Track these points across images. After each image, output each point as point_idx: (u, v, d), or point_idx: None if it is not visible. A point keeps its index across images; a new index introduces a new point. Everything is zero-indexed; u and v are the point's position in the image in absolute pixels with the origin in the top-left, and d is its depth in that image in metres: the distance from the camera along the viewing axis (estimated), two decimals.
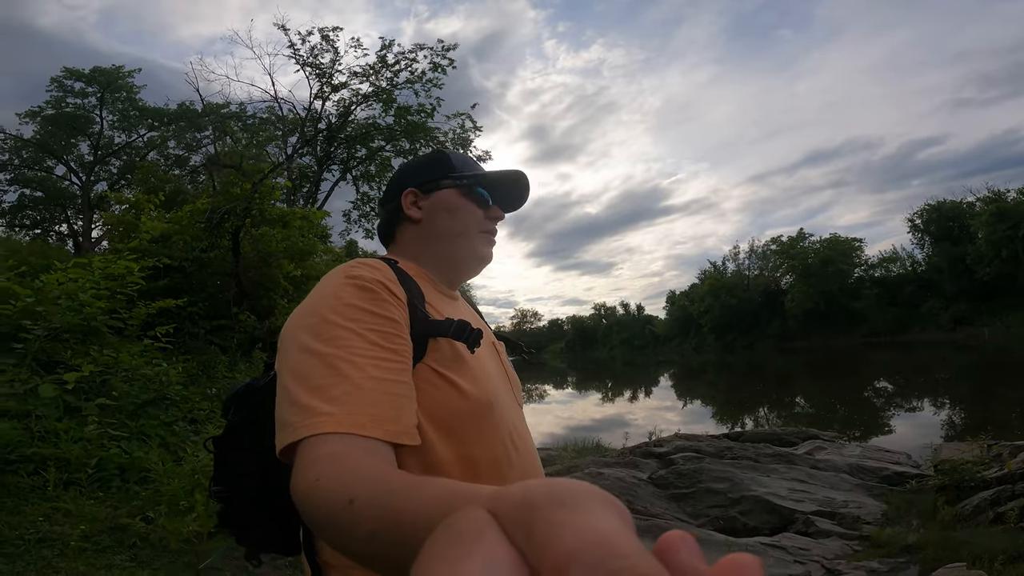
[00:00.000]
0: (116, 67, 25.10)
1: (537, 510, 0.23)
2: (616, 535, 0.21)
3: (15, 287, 5.45)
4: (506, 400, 0.86)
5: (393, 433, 0.61)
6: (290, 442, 0.59)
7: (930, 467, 6.25)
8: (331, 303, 0.71)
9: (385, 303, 0.72)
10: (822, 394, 18.43)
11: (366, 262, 0.80)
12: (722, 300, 66.66)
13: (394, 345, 0.69)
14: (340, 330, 0.67)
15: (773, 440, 8.41)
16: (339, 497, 0.47)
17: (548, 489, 0.24)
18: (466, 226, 0.93)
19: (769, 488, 5.23)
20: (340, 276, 0.75)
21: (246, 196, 9.12)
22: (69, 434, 3.99)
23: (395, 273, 0.80)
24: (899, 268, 55.54)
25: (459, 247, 0.93)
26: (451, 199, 0.93)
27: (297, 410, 0.61)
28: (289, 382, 0.65)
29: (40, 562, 2.78)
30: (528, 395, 26.95)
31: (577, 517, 0.22)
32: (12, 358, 5.02)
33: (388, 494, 0.43)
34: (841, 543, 4.30)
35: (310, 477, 0.53)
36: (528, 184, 1.01)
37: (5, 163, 25.85)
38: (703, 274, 77.78)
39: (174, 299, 7.64)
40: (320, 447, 0.56)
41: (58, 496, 3.44)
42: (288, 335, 0.72)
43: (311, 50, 16.97)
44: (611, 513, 0.23)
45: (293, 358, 0.67)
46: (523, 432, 0.88)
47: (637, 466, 5.93)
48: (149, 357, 6.05)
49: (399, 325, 0.72)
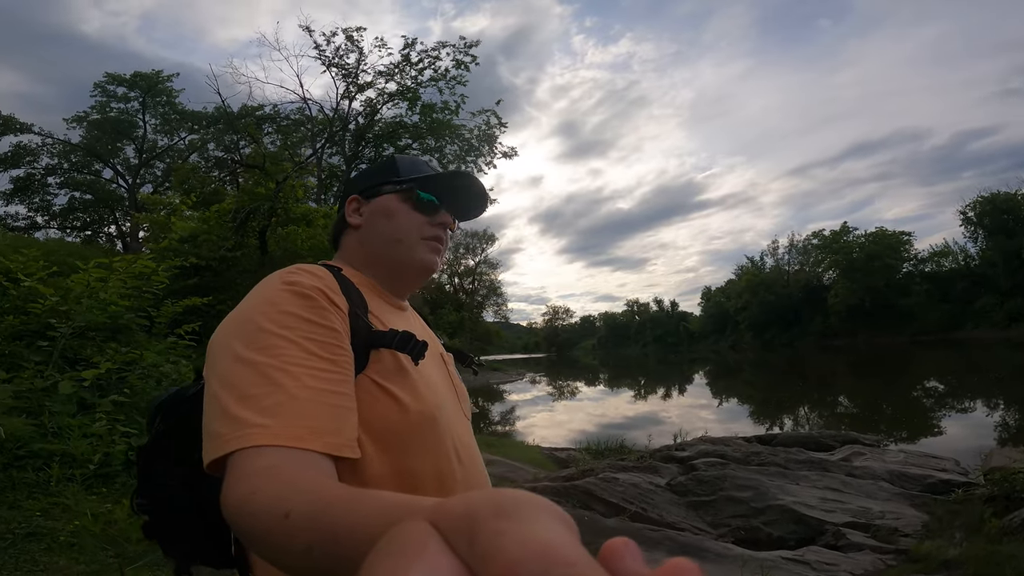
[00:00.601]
0: (156, 72, 26.09)
1: (480, 521, 0.22)
2: (561, 545, 0.21)
3: (40, 287, 5.61)
4: (451, 413, 0.84)
5: (333, 446, 0.59)
6: (220, 455, 0.56)
7: (979, 475, 5.93)
8: (266, 310, 0.68)
9: (324, 311, 0.70)
10: (866, 394, 17.66)
11: (306, 268, 0.77)
12: (760, 296, 65.03)
13: (333, 355, 0.67)
14: (275, 338, 0.64)
15: (808, 444, 8.03)
16: (274, 510, 0.46)
17: (491, 500, 0.24)
18: (404, 232, 0.89)
19: (797, 497, 4.94)
20: (277, 282, 0.72)
21: (269, 195, 9.25)
22: (80, 430, 4.06)
23: (337, 281, 0.77)
24: (951, 263, 53.00)
25: (397, 253, 0.89)
26: (390, 204, 0.90)
27: (227, 421, 0.58)
28: (219, 391, 0.62)
29: (23, 556, 2.80)
30: (559, 392, 26.79)
31: (521, 527, 0.22)
32: (39, 355, 5.18)
33: (326, 507, 0.41)
34: (873, 557, 4.00)
35: (243, 490, 0.51)
36: (480, 189, 0.95)
37: (55, 167, 27.17)
38: (740, 270, 76.08)
39: (202, 297, 7.81)
40: (254, 460, 0.54)
41: (59, 491, 3.48)
42: (218, 342, 0.68)
43: (336, 51, 17.17)
44: (555, 522, 0.23)
45: (223, 366, 0.64)
46: (469, 444, 0.85)
47: (656, 471, 5.70)
48: (173, 355, 6.16)
49: (338, 335, 0.69)
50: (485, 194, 0.97)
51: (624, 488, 4.81)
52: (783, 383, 24.63)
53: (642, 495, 4.76)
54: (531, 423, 15.15)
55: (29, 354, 5.18)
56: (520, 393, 25.81)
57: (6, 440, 3.60)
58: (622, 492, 4.76)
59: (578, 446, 9.55)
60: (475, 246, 56.17)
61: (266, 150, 15.17)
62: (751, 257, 75.48)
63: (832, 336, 55.29)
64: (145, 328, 6.58)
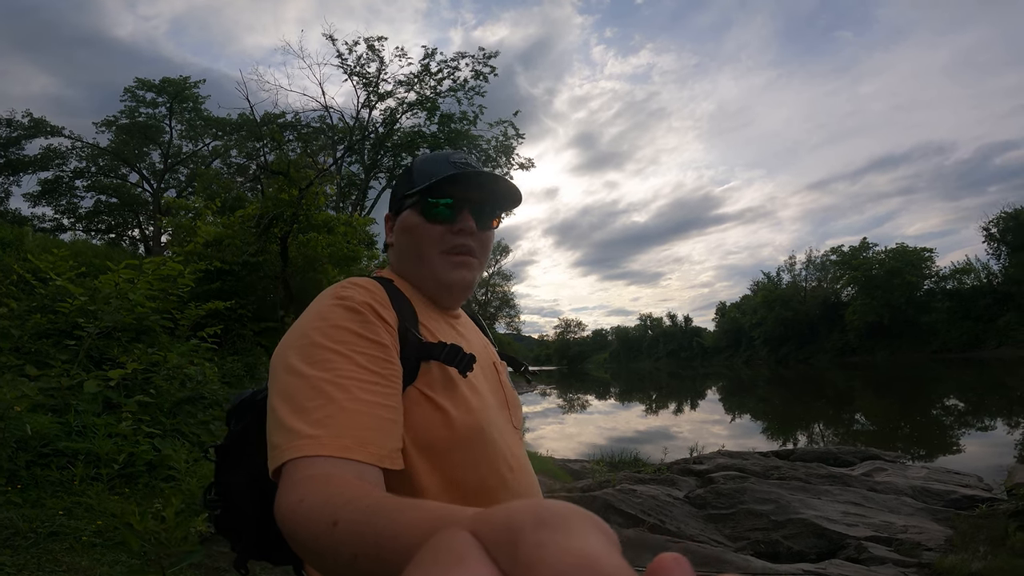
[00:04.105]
0: (183, 78, 26.63)
1: (521, 532, 0.22)
2: (602, 556, 0.20)
3: (70, 286, 5.74)
4: (500, 425, 0.84)
5: (377, 456, 0.61)
6: (277, 464, 0.59)
7: (1003, 491, 5.85)
8: (319, 325, 0.70)
9: (373, 326, 0.72)
10: (885, 411, 17.31)
11: (358, 282, 0.78)
12: (776, 312, 64.28)
13: (382, 369, 0.68)
14: (327, 352, 0.67)
15: (827, 459, 7.92)
16: (323, 519, 0.47)
17: (532, 510, 0.24)
18: (423, 249, 0.86)
19: (819, 511, 4.87)
20: (330, 297, 0.75)
21: (293, 202, 9.39)
22: (105, 429, 4.11)
23: (387, 293, 0.79)
24: (973, 280, 51.94)
25: (422, 272, 0.87)
26: (408, 221, 0.88)
27: (283, 432, 0.61)
28: (277, 404, 0.65)
29: (45, 555, 2.81)
30: (570, 405, 26.62)
31: (562, 539, 0.21)
32: (65, 354, 5.29)
33: (371, 516, 0.42)
34: (896, 571, 3.93)
35: (293, 499, 0.53)
36: (502, 181, 0.86)
37: (83, 170, 27.77)
38: (756, 285, 75.32)
39: (225, 301, 7.93)
40: (304, 470, 0.56)
41: (82, 491, 3.51)
42: (278, 357, 0.71)
43: (357, 60, 17.45)
44: (597, 534, 0.22)
45: (281, 380, 0.67)
46: (519, 454, 0.85)
47: (674, 483, 5.65)
48: (196, 356, 6.25)
49: (387, 349, 0.71)
50: (512, 187, 0.88)
51: (642, 500, 4.78)
52: (799, 399, 24.24)
53: (660, 507, 4.72)
54: (541, 435, 15.07)
55: (56, 352, 5.30)
56: (531, 405, 25.69)
57: (31, 437, 3.66)
58: (640, 504, 4.72)
59: (591, 459, 9.49)
60: (489, 257, 56.27)
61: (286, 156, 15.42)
62: (767, 273, 74.86)
63: (850, 353, 54.42)
64: (168, 330, 6.70)
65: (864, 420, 16.24)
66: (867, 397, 22.85)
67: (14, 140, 25.75)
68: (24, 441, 3.62)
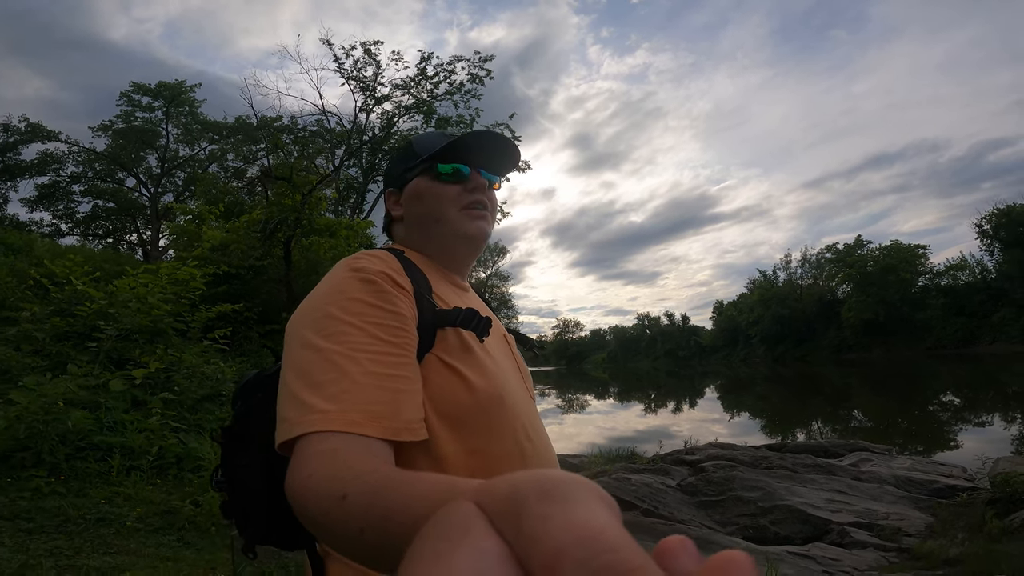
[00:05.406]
0: (179, 82, 26.71)
1: (525, 504, 0.23)
2: (606, 529, 0.21)
3: (90, 290, 5.97)
4: (518, 393, 0.83)
5: (392, 430, 0.60)
6: (287, 438, 0.58)
7: (985, 480, 5.99)
8: (334, 297, 0.69)
9: (389, 295, 0.71)
10: (881, 407, 17.50)
11: (371, 253, 0.78)
12: (773, 310, 64.54)
13: (396, 339, 0.68)
14: (342, 324, 0.66)
15: (817, 452, 8.15)
16: (331, 493, 0.48)
17: (536, 481, 0.24)
18: (439, 210, 0.88)
19: (804, 498, 5.13)
20: (344, 269, 0.74)
21: (296, 207, 9.62)
22: (134, 425, 4.37)
23: (401, 263, 0.78)
24: (967, 276, 52.28)
25: (440, 232, 0.89)
26: (419, 187, 0.89)
27: (295, 406, 0.60)
28: (290, 377, 0.64)
29: (97, 540, 3.07)
30: (569, 405, 26.76)
31: (566, 510, 0.22)
32: (86, 355, 5.53)
33: (379, 490, 0.43)
34: (877, 555, 4.19)
35: (303, 474, 0.53)
36: (505, 141, 0.91)
37: (80, 175, 27.82)
38: (752, 284, 75.63)
39: (231, 304, 8.17)
40: (315, 444, 0.56)
41: (120, 481, 3.78)
42: (292, 330, 0.70)
43: (354, 64, 17.68)
44: (600, 506, 0.23)
45: (295, 353, 0.66)
46: (537, 426, 0.84)
47: (667, 473, 5.91)
48: (208, 357, 6.50)
49: (403, 318, 0.70)
50: (512, 144, 0.92)
51: (636, 487, 5.04)
52: (796, 396, 24.49)
53: (653, 494, 4.98)
54: None
55: (76, 354, 5.53)
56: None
57: (70, 432, 3.92)
58: (634, 491, 4.98)
59: (586, 455, 9.72)
60: (486, 258, 56.50)
61: (288, 161, 15.66)
62: (764, 271, 75.11)
63: (846, 350, 54.68)
64: (180, 332, 6.93)
65: (859, 416, 16.42)
66: (863, 394, 23.04)
67: (11, 145, 25.83)
68: (63, 436, 3.88)
